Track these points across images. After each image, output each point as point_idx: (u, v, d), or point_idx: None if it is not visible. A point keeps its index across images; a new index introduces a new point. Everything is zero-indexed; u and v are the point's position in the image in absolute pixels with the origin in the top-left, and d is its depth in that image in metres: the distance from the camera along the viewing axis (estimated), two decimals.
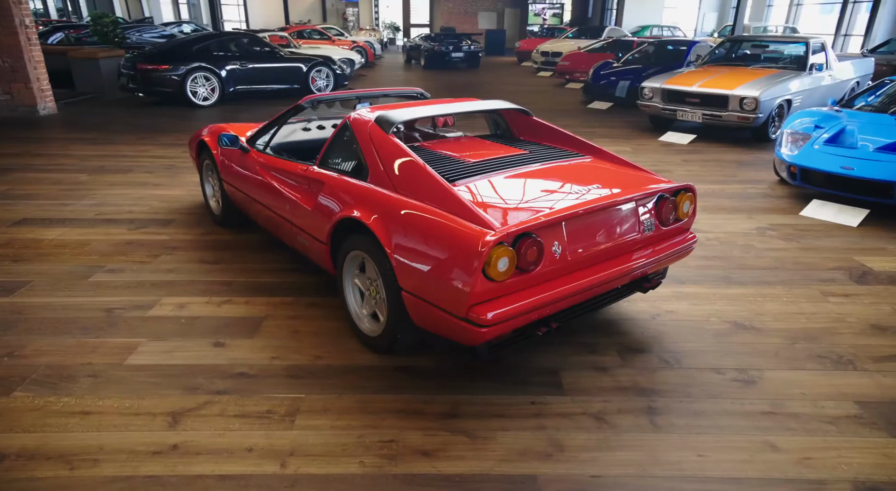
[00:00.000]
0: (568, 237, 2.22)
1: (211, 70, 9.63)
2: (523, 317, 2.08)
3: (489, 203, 2.26)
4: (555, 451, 2.01)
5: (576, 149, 3.04)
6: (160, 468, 1.88)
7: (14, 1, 8.29)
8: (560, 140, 3.14)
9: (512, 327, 2.09)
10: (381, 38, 28.12)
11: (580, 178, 2.58)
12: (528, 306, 2.08)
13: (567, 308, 2.32)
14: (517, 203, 2.28)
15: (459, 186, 2.40)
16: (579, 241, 2.26)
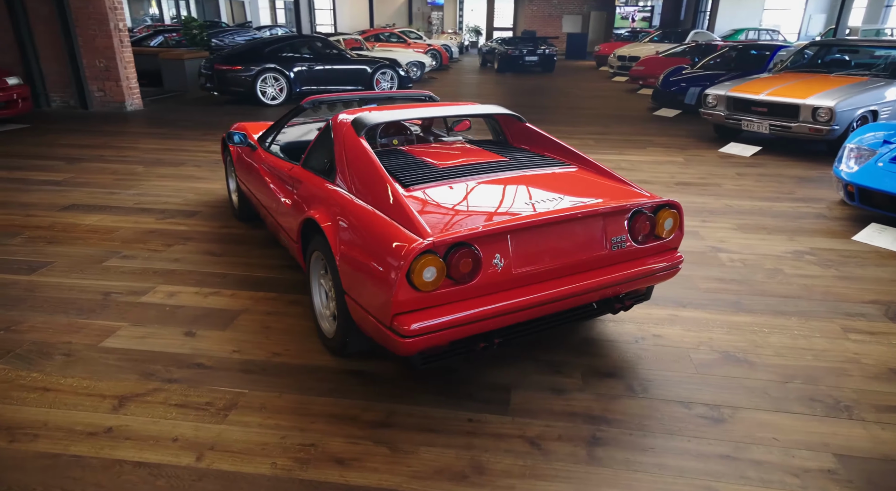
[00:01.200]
0: (514, 250, 2.11)
1: (280, 71, 10.08)
2: (456, 330, 2.00)
3: (437, 210, 2.20)
4: (473, 473, 1.91)
5: (564, 158, 2.89)
6: (87, 449, 1.97)
7: (110, 7, 9.08)
8: (550, 148, 3.00)
9: (447, 339, 2.01)
10: (461, 41, 28.29)
11: (550, 188, 2.45)
12: (460, 320, 1.99)
13: (514, 324, 2.20)
14: (467, 211, 2.20)
15: (415, 191, 2.35)
16: (528, 254, 2.14)
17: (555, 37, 21.21)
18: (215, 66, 9.90)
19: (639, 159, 6.47)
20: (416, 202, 2.24)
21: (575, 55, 25.43)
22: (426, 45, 18.29)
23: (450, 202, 2.27)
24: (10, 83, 7.83)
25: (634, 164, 6.21)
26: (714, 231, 4.18)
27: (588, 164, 2.77)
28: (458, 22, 36.10)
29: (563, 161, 2.84)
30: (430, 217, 2.11)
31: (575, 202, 2.30)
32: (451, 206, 2.23)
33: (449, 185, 2.42)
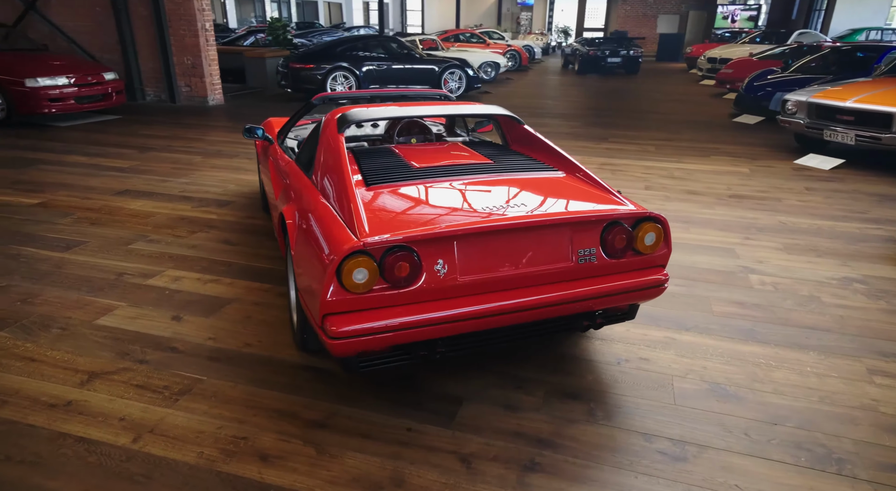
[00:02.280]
0: (461, 257, 2.01)
1: (350, 70, 10.37)
2: (391, 336, 1.93)
3: (390, 210, 2.13)
4: (390, 485, 1.84)
5: (555, 164, 2.73)
6: (42, 420, 2.10)
7: (199, 9, 9.73)
8: (543, 152, 2.84)
9: (381, 344, 1.95)
10: (546, 42, 27.81)
11: (524, 193, 2.32)
12: (395, 326, 1.92)
13: (463, 335, 2.10)
14: (420, 213, 2.12)
15: (377, 191, 2.30)
16: (477, 262, 2.03)
17: (641, 38, 20.31)
18: (290, 65, 10.34)
19: (696, 168, 6.03)
20: (372, 201, 2.19)
21: (667, 57, 24.27)
22: (506, 45, 18.14)
23: (408, 203, 2.20)
24: (107, 78, 8.58)
25: (689, 173, 5.80)
26: (753, 250, 3.80)
27: (577, 171, 2.60)
28: (547, 22, 35.54)
29: (551, 167, 2.68)
30: (379, 217, 2.06)
31: (542, 210, 2.15)
32: (406, 208, 2.17)
33: (416, 186, 2.35)
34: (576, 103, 11.14)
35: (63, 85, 7.90)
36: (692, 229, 4.18)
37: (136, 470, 1.87)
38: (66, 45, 10.48)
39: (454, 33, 18.27)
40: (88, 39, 10.44)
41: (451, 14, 31.95)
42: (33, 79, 7.61)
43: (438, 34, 17.98)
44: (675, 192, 5.11)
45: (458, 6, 28.20)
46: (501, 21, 35.83)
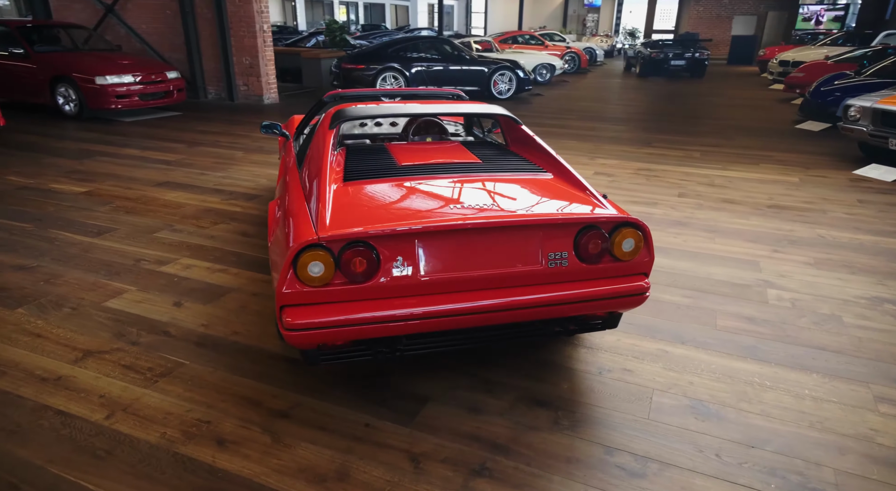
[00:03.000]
0: (423, 255, 2.00)
1: (399, 70, 10.51)
2: (348, 331, 1.94)
3: (359, 206, 2.14)
4: (334, 478, 1.85)
5: (544, 165, 2.67)
6: (31, 392, 2.25)
7: (257, 11, 10.14)
8: (535, 153, 2.78)
9: (338, 339, 1.97)
10: (611, 44, 27.14)
11: (502, 194, 2.27)
12: (352, 321, 1.93)
13: (422, 334, 2.08)
14: (388, 210, 2.12)
15: (353, 186, 2.31)
16: (440, 261, 2.01)
17: (708, 40, 19.44)
18: (342, 65, 10.60)
19: (740, 176, 5.72)
20: (344, 197, 2.21)
21: (739, 60, 23.15)
22: (564, 48, 17.84)
23: (379, 200, 2.21)
24: (170, 76, 9.09)
25: (730, 181, 5.50)
26: (779, 263, 3.57)
27: (565, 173, 2.52)
28: (615, 24, 34.70)
29: (540, 168, 2.61)
30: (344, 212, 2.07)
31: (514, 211, 2.10)
32: (375, 204, 2.17)
33: (394, 183, 2.35)
34: (627, 107, 10.81)
35: (129, 82, 8.43)
36: (717, 239, 3.96)
37: (100, 445, 1.97)
38: (140, 46, 11.18)
39: (512, 35, 18.15)
40: (159, 40, 11.09)
41: (515, 16, 31.76)
42: (102, 77, 8.16)
43: (496, 36, 17.91)
44: (710, 201, 4.86)
45: (522, 8, 27.98)
46: (567, 23, 35.31)
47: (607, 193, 4.79)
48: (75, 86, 8.25)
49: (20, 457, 1.91)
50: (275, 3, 28.51)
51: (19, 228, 4.00)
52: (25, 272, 3.31)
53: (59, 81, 8.40)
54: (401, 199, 2.21)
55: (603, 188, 5.17)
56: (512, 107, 10.39)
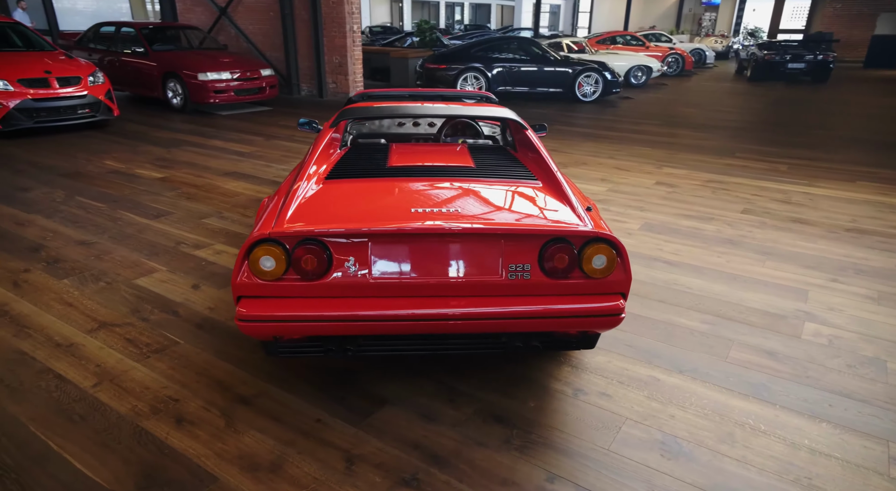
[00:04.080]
0: (375, 257, 1.99)
1: (481, 71, 10.50)
2: (296, 326, 1.98)
3: (324, 204, 2.17)
4: (266, 469, 1.89)
5: (537, 171, 2.54)
6: (43, 355, 2.50)
7: (349, 12, 10.57)
8: (533, 158, 2.66)
9: (288, 333, 2.01)
10: (727, 45, 25.34)
11: (476, 200, 2.20)
12: (300, 317, 1.97)
13: (374, 336, 2.07)
14: (353, 210, 2.12)
15: (331, 185, 2.34)
16: (392, 264, 1.99)
17: (835, 40, 17.52)
18: (426, 65, 10.77)
19: (826, 193, 5.12)
20: (317, 194, 2.24)
21: (880, 63, 20.77)
22: (667, 49, 16.91)
23: (348, 199, 2.22)
24: (263, 74, 9.71)
25: (811, 199, 4.95)
26: (832, 295, 3.16)
27: (554, 183, 2.39)
28: (734, 24, 32.37)
29: (532, 175, 2.50)
30: (308, 209, 2.11)
31: (479, 218, 2.03)
32: (342, 203, 2.18)
33: (372, 184, 2.35)
34: (722, 113, 10.05)
35: (227, 79, 9.10)
36: (768, 263, 3.58)
37: (78, 410, 2.16)
38: (246, 46, 12.05)
39: (611, 35, 17.49)
40: (262, 40, 11.89)
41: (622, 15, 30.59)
42: (204, 73, 8.88)
43: (593, 36, 17.34)
44: (777, 219, 4.40)
45: (629, 8, 26.91)
46: (681, 23, 33.47)
47: (651, 205, 4.51)
48: (181, 81, 9.04)
49: (10, 412, 2.13)
50: (383, 4, 29.50)
51: (95, 207, 4.46)
52: (84, 247, 3.69)
53: (170, 77, 9.24)
54: (369, 200, 2.21)
55: (658, 200, 4.86)
56: (595, 110, 10.03)
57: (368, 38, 22.44)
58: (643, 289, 3.20)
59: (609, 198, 4.89)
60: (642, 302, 3.05)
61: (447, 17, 34.74)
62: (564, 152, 6.66)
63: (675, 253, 3.71)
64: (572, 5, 37.14)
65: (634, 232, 4.08)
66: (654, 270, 3.46)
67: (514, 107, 10.14)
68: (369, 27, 24.59)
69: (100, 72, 7.74)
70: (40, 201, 4.60)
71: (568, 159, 6.31)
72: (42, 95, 7.00)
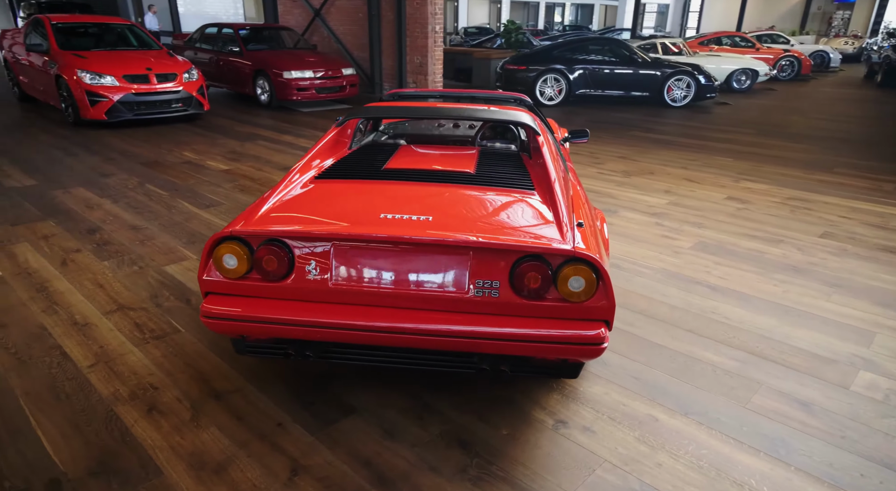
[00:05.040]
0: (336, 262, 1.91)
1: (561, 72, 10.15)
2: (255, 327, 1.94)
3: (301, 204, 2.11)
4: (212, 468, 1.87)
5: (538, 181, 2.34)
6: (59, 331, 2.66)
7: (431, 13, 10.61)
8: (540, 167, 2.45)
9: (250, 333, 1.98)
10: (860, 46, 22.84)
11: (459, 209, 2.06)
12: (259, 318, 1.93)
13: (334, 343, 2.00)
14: (324, 212, 2.05)
15: (319, 184, 2.29)
16: (354, 271, 1.91)
17: None
18: (505, 66, 10.59)
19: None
20: (300, 194, 2.20)
21: None
22: (781, 51, 15.50)
23: (325, 200, 2.15)
24: (345, 73, 9.99)
25: (885, 219, 4.28)
26: (894, 337, 2.68)
27: (549, 194, 2.18)
28: (872, 23, 29.12)
29: (531, 185, 2.30)
30: (281, 209, 2.07)
31: (451, 229, 1.89)
32: (319, 204, 2.12)
33: (358, 186, 2.27)
34: (830, 123, 9.02)
35: (309, 77, 9.46)
36: (834, 297, 3.11)
37: (68, 389, 2.26)
38: (336, 46, 12.48)
39: (716, 36, 16.29)
40: (351, 40, 12.26)
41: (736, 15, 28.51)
42: (289, 71, 9.29)
43: (695, 37, 16.25)
44: (862, 246, 3.84)
45: (743, 6, 25.02)
46: (807, 22, 30.67)
47: (712, 222, 4.10)
48: (269, 79, 9.51)
49: (10, 385, 2.28)
50: (482, 5, 29.51)
51: (157, 195, 4.76)
52: (133, 232, 3.93)
53: (259, 75, 9.75)
54: (345, 202, 2.13)
55: (723, 216, 4.40)
56: (683, 116, 9.38)
57: (462, 38, 22.56)
58: (672, 314, 2.89)
59: (666, 211, 4.50)
60: (666, 330, 2.74)
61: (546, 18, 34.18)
62: (632, 160, 6.26)
63: (723, 277, 3.33)
64: (682, 5, 35.21)
65: (683, 251, 3.71)
66: (691, 294, 3.11)
67: (594, 111, 9.72)
68: (464, 28, 24.72)
69: (195, 69, 8.31)
70: (115, 187, 4.97)
71: (634, 167, 5.92)
72: (142, 90, 7.62)
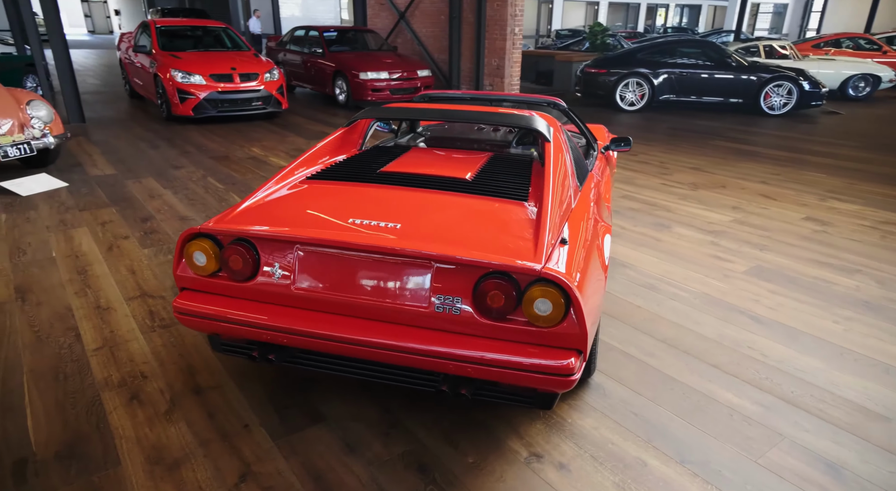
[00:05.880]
0: (300, 266, 1.85)
1: (644, 76, 9.61)
2: (220, 325, 1.93)
3: (279, 205, 2.07)
4: (165, 466, 1.87)
5: (534, 190, 2.15)
6: (82, 313, 2.80)
7: (511, 14, 10.44)
8: (541, 176, 2.26)
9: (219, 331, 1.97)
10: None
11: (437, 217, 1.93)
12: (223, 317, 1.92)
13: (295, 348, 1.94)
14: (298, 213, 2.00)
15: (310, 185, 2.25)
16: (316, 276, 1.84)
17: None
18: (585, 69, 10.19)
19: None
20: (285, 194, 2.17)
21: None
22: None
23: (307, 201, 2.09)
24: (420, 74, 10.05)
25: None
26: None
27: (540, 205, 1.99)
28: None
29: (525, 196, 2.12)
30: (259, 208, 2.04)
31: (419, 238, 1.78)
32: (297, 205, 2.07)
33: (344, 188, 2.20)
34: None
35: (385, 78, 9.61)
36: None
37: (69, 370, 2.37)
38: (417, 48, 12.62)
39: (836, 37, 14.80)
40: (432, 42, 12.35)
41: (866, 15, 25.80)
42: (364, 72, 9.49)
43: (811, 39, 14.83)
44: None
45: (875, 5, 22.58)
46: None
47: (779, 245, 3.67)
48: (346, 79, 9.77)
49: (21, 361, 2.42)
50: (578, 7, 28.77)
51: (214, 188, 4.98)
52: (181, 222, 4.12)
53: (338, 76, 10.04)
54: (322, 205, 2.06)
55: (794, 239, 3.92)
56: (779, 125, 8.58)
57: (554, 41, 22.12)
58: (699, 345, 2.58)
59: (727, 230, 4.08)
60: (688, 362, 2.45)
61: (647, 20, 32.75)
62: (705, 172, 5.77)
63: (773, 308, 2.94)
64: (803, 5, 32.48)
65: (733, 274, 3.33)
66: (729, 324, 2.77)
67: (677, 118, 9.12)
68: (556, 31, 24.20)
69: (276, 69, 8.68)
70: (180, 179, 5.27)
71: (705, 180, 5.45)
72: (226, 89, 8.07)
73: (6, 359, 2.43)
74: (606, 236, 2.30)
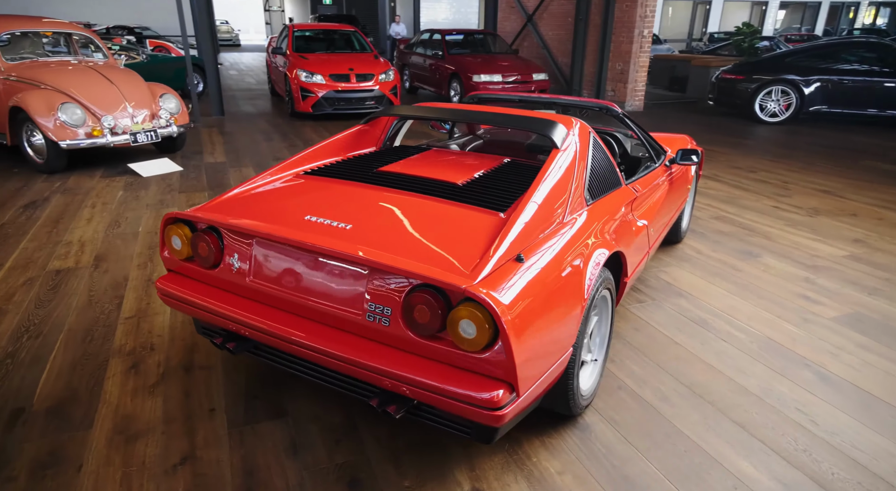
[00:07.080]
0: (255, 259, 1.84)
1: (793, 84, 8.48)
2: (190, 309, 1.98)
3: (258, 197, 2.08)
4: (123, 438, 1.96)
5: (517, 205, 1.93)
6: (133, 283, 3.06)
7: (640, 15, 9.80)
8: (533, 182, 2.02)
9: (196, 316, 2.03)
10: None
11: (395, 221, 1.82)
12: (192, 301, 1.97)
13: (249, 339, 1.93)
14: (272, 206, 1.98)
15: (304, 179, 2.24)
16: (269, 271, 1.83)
17: None
18: (721, 75, 9.25)
19: None
20: (274, 187, 2.18)
21: None
22: None
23: (288, 196, 2.08)
24: (535, 78, 9.81)
25: None
26: None
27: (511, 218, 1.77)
28: None
29: (503, 206, 1.91)
30: (238, 199, 2.07)
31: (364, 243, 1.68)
32: (275, 198, 2.06)
33: (331, 185, 2.15)
34: None
35: (497, 81, 9.52)
36: None
37: (97, 333, 2.58)
38: (542, 52, 12.35)
39: None
40: (556, 45, 12.01)
41: None
42: (477, 75, 9.48)
43: None
44: None
45: None
46: None
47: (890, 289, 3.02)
48: (460, 81, 9.83)
49: (66, 321, 2.68)
50: (741, 7, 26.22)
51: None
52: None
53: (454, 77, 10.14)
54: (295, 200, 2.04)
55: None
56: None
57: (705, 45, 20.48)
58: (730, 398, 2.17)
59: (834, 266, 3.42)
60: (707, 415, 2.06)
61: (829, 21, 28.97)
62: (836, 196, 4.93)
63: (853, 366, 2.39)
64: None
65: (818, 320, 2.77)
66: (785, 378, 2.30)
67: (826, 132, 7.94)
68: (711, 33, 22.34)
69: (391, 70, 8.97)
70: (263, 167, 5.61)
71: (831, 206, 4.65)
72: (343, 88, 8.51)
73: (56, 317, 2.73)
74: (599, 253, 1.97)
